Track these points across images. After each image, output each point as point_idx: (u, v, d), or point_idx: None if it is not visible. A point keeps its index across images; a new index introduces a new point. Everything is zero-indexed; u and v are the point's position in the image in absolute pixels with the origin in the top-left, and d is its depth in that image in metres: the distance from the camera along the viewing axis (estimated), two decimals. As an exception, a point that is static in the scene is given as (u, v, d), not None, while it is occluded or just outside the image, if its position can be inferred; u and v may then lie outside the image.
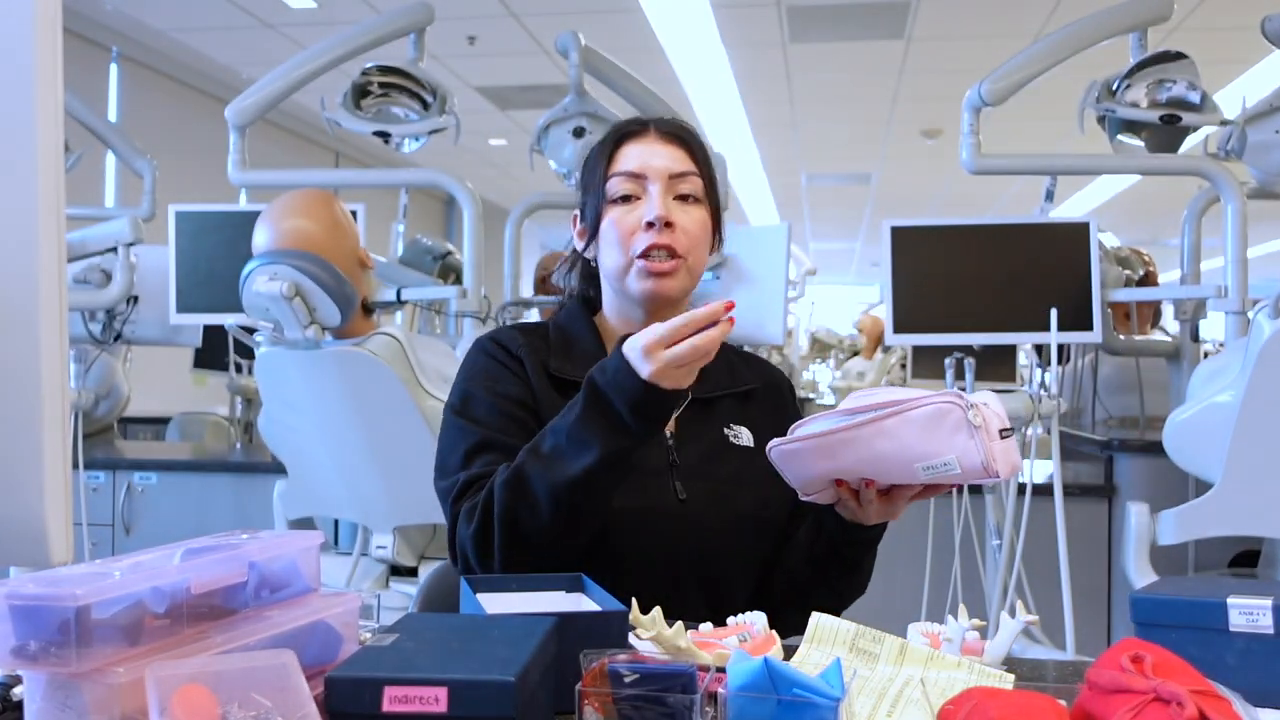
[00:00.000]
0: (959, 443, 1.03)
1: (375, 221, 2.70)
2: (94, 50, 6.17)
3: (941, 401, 1.04)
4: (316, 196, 2.03)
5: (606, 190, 1.30)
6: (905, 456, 1.05)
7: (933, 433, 1.03)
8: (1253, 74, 6.34)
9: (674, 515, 1.25)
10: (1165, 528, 2.09)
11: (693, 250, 1.29)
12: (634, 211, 1.27)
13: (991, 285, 2.54)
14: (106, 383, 3.55)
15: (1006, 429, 1.05)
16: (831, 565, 1.26)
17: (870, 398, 1.09)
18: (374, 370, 1.95)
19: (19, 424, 0.74)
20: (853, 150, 9.16)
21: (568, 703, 0.74)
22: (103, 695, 0.66)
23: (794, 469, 1.13)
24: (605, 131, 1.38)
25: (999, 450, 1.03)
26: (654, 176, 1.28)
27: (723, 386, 1.35)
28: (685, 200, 1.29)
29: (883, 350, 6.28)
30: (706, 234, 1.31)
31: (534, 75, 6.83)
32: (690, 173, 1.30)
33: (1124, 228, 12.04)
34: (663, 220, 1.25)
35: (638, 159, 1.29)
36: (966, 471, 1.03)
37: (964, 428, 1.02)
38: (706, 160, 1.34)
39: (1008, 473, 1.04)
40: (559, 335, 1.34)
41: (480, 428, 1.23)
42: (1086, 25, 2.57)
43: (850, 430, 1.06)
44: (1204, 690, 0.74)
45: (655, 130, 1.33)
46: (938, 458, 1.03)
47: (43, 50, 0.74)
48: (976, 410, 1.02)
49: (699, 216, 1.30)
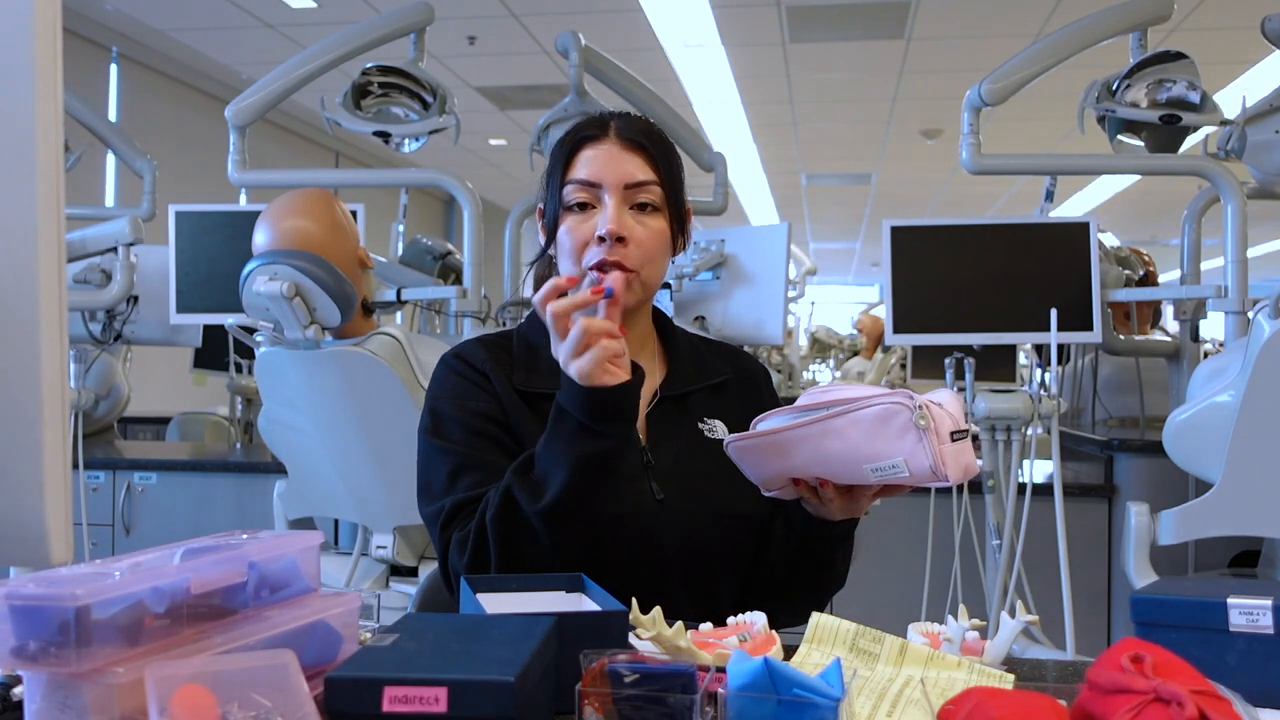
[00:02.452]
0: (907, 445, 1.01)
1: (375, 221, 2.70)
2: (94, 50, 6.17)
3: (889, 402, 1.02)
4: (316, 196, 2.02)
5: (563, 196, 1.26)
6: (854, 457, 1.03)
7: (880, 434, 1.02)
8: (1253, 74, 6.35)
9: (653, 515, 1.24)
10: (1165, 528, 2.09)
11: (647, 264, 1.25)
12: (588, 221, 1.23)
13: (991, 285, 2.54)
14: (106, 383, 3.55)
15: (959, 431, 1.03)
16: (803, 560, 1.25)
17: (824, 395, 1.08)
18: (374, 370, 1.95)
19: (19, 424, 0.74)
20: (853, 150, 9.16)
21: (568, 703, 0.74)
22: (103, 695, 0.66)
23: (750, 465, 1.13)
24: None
25: (949, 453, 1.01)
26: (610, 186, 1.24)
27: (692, 381, 1.34)
28: (643, 210, 1.25)
29: (883, 350, 6.28)
30: (664, 245, 1.28)
31: (534, 75, 6.84)
32: (649, 182, 1.26)
33: (1124, 228, 12.06)
34: (614, 235, 1.21)
35: (593, 167, 1.25)
36: (915, 474, 1.01)
37: (911, 430, 1.00)
38: (670, 165, 1.29)
39: (958, 476, 1.02)
40: (522, 345, 1.32)
41: (457, 447, 1.22)
42: (1086, 25, 2.57)
43: (799, 429, 1.05)
44: (1204, 690, 0.74)
45: (615, 134, 1.27)
46: (885, 459, 1.02)
47: (43, 50, 0.74)
48: (925, 411, 1.00)
49: (656, 227, 1.26)
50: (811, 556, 1.24)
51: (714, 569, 1.26)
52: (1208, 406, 2.04)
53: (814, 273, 6.04)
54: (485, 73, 6.85)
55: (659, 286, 1.31)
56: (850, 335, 8.00)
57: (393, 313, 3.43)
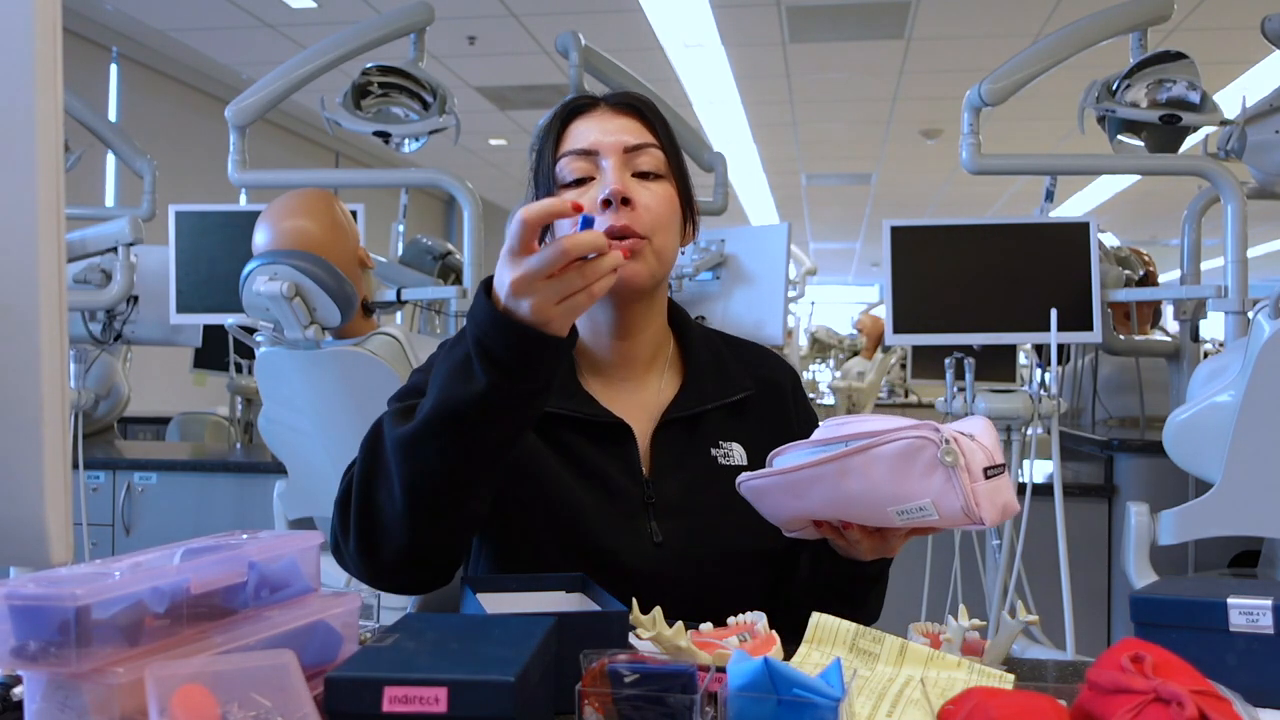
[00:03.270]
0: (935, 485, 0.90)
1: (375, 221, 2.70)
2: (94, 50, 6.17)
3: (913, 436, 0.90)
4: (316, 196, 2.02)
5: (556, 174, 1.14)
6: (875, 498, 0.92)
7: (904, 472, 0.91)
8: (1253, 74, 6.35)
9: (648, 559, 1.10)
10: (1165, 528, 2.09)
11: (658, 229, 1.12)
12: (588, 194, 1.11)
13: (991, 285, 2.54)
14: (106, 383, 3.55)
15: (993, 466, 0.91)
16: (833, 600, 1.08)
17: (842, 428, 0.97)
18: (374, 370, 1.95)
19: (19, 424, 0.74)
20: (853, 150, 9.17)
21: (568, 703, 0.74)
22: (103, 695, 0.66)
23: (766, 507, 1.02)
24: None
25: (983, 492, 0.90)
26: (607, 151, 1.12)
27: (708, 399, 1.19)
28: (646, 178, 1.13)
29: (883, 350, 6.28)
30: (675, 213, 1.15)
31: (534, 75, 6.84)
32: (649, 144, 1.14)
33: (1124, 228, 12.07)
34: (619, 195, 1.09)
35: (588, 135, 1.14)
36: (945, 517, 0.90)
37: (939, 468, 0.89)
38: (668, 132, 1.18)
39: (995, 518, 0.91)
40: None
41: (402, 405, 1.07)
42: (1086, 25, 2.57)
43: (813, 467, 0.94)
44: (1204, 690, 0.74)
45: (606, 103, 1.17)
46: (911, 501, 0.91)
47: (43, 50, 0.73)
48: (952, 446, 0.89)
49: (663, 193, 1.14)
50: (841, 597, 1.10)
51: (719, 615, 1.03)
52: (1207, 406, 2.04)
53: (814, 273, 6.04)
54: (485, 73, 6.86)
55: (672, 264, 1.17)
56: (850, 335, 8.00)
57: (393, 313, 3.43)
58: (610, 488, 1.13)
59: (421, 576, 1.06)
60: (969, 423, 0.96)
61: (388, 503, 0.99)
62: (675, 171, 1.17)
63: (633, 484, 1.14)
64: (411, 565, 1.02)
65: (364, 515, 1.01)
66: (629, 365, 1.21)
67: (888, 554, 1.05)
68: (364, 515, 1.01)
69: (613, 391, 1.20)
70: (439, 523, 0.99)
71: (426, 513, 0.98)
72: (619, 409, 1.17)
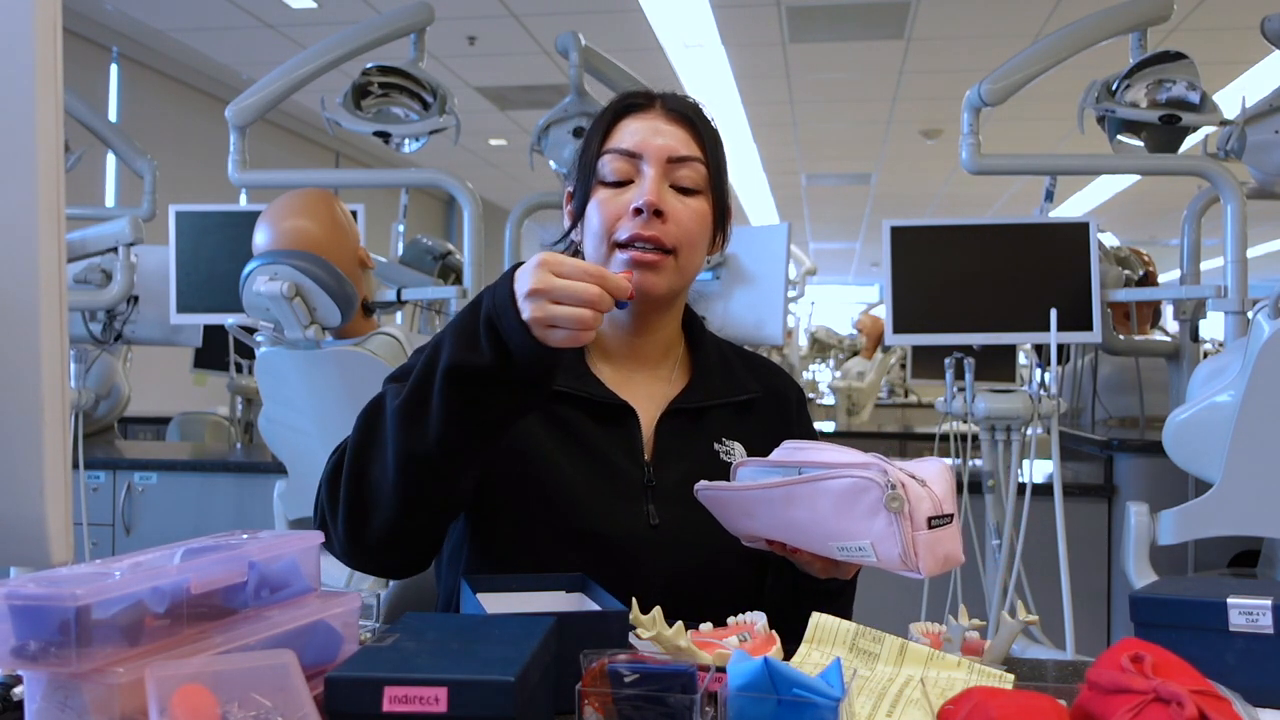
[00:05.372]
0: (876, 527, 0.88)
1: (375, 221, 2.70)
2: (94, 50, 6.17)
3: (859, 476, 0.89)
4: (316, 196, 2.03)
5: (597, 168, 1.15)
6: (818, 531, 0.92)
7: (847, 511, 0.90)
8: (1253, 74, 6.35)
9: (645, 542, 1.11)
10: (1165, 528, 2.09)
11: (685, 246, 1.13)
12: (623, 195, 1.13)
13: (991, 285, 2.54)
14: (106, 383, 3.55)
15: (939, 516, 0.88)
16: (797, 608, 1.06)
17: (798, 453, 0.98)
18: (374, 370, 1.95)
19: (19, 424, 0.74)
20: (852, 150, 9.17)
21: (568, 703, 0.74)
22: (103, 695, 0.66)
23: (722, 517, 1.02)
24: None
25: (924, 542, 0.88)
26: (651, 158, 1.13)
27: (713, 395, 1.21)
28: (684, 192, 1.14)
29: (883, 350, 6.28)
30: (705, 230, 1.16)
31: (534, 75, 6.84)
32: (693, 158, 1.14)
33: (1124, 228, 12.07)
34: (652, 207, 1.10)
35: (635, 136, 1.14)
36: (883, 560, 0.89)
37: (882, 511, 0.88)
38: (716, 147, 1.18)
39: (934, 569, 0.89)
40: None
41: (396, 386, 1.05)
42: (1086, 25, 2.57)
43: (762, 490, 0.95)
44: (1204, 690, 0.74)
45: (661, 106, 1.17)
46: (852, 540, 0.90)
47: (43, 50, 0.74)
48: (898, 492, 0.87)
49: (698, 209, 1.15)
50: (803, 607, 1.07)
51: (707, 603, 1.05)
52: (1207, 406, 2.04)
53: (814, 273, 6.03)
54: (485, 73, 6.85)
55: (694, 277, 1.19)
56: (850, 335, 7.99)
57: (393, 313, 3.43)
58: (610, 467, 1.14)
59: (404, 558, 1.06)
60: (925, 465, 0.94)
61: (380, 476, 1.00)
62: (715, 187, 1.18)
63: (634, 466, 1.15)
64: (395, 544, 1.03)
65: (354, 488, 1.01)
66: (639, 359, 1.24)
67: (841, 576, 1.05)
68: (354, 488, 1.01)
69: (621, 379, 1.22)
70: (428, 499, 1.00)
71: (416, 487, 0.98)
72: (626, 395, 1.19)
